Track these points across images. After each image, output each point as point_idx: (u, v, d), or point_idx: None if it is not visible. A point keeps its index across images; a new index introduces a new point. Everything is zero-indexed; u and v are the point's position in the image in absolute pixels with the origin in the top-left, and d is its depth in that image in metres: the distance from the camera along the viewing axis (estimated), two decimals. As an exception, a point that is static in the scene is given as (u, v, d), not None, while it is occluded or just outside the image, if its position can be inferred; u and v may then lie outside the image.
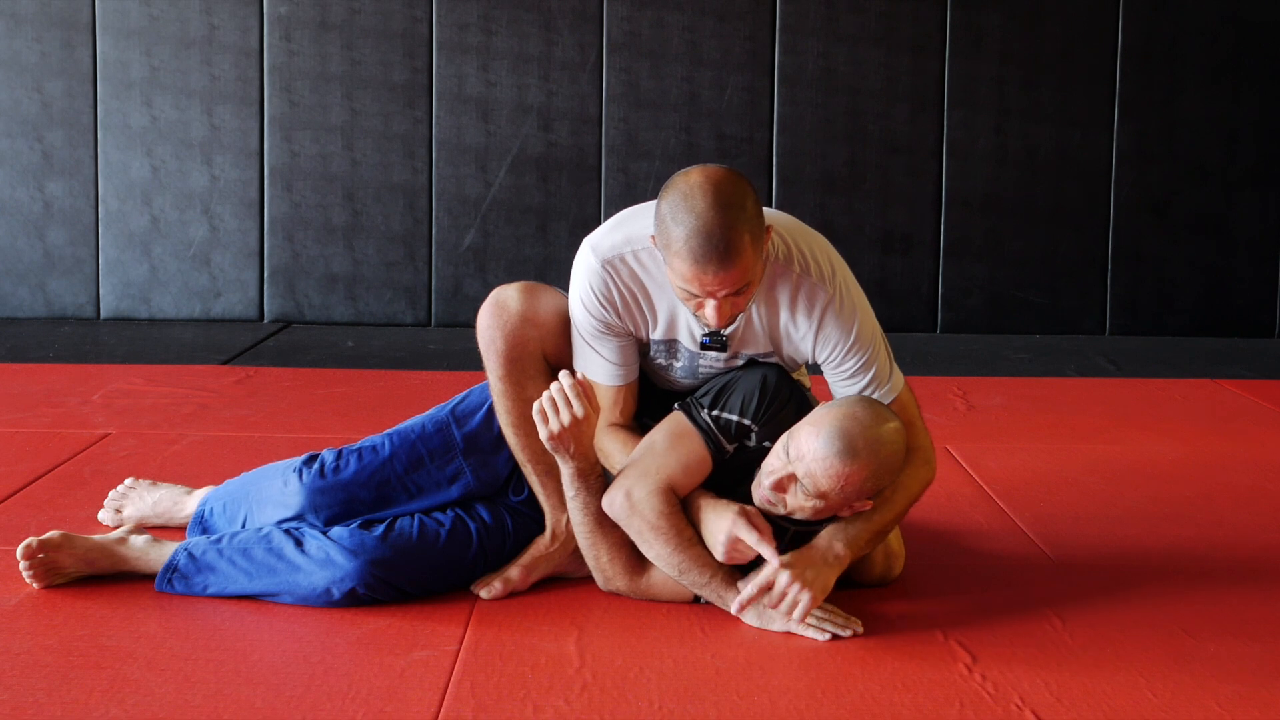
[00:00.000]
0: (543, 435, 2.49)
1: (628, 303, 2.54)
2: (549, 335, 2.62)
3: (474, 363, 2.86)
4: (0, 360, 5.04)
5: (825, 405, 2.48)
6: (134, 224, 6.02)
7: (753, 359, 2.61)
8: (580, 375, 2.50)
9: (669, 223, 2.35)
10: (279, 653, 2.36)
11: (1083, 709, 2.19)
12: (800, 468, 2.39)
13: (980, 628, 2.51)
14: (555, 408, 2.46)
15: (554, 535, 2.67)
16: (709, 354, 2.59)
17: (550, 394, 2.46)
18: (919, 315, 6.14)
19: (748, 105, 6.03)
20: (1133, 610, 2.62)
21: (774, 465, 2.44)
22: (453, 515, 2.67)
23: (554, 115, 6.02)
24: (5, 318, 6.00)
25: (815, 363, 2.62)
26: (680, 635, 2.45)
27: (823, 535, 2.49)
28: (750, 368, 2.59)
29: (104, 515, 3.01)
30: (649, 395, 2.70)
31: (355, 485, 2.68)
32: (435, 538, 2.62)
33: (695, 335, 2.56)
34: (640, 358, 2.65)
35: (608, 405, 2.60)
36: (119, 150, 5.99)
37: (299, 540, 2.58)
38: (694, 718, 2.14)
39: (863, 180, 6.09)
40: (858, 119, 6.06)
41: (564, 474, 2.55)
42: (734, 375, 2.58)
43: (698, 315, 2.42)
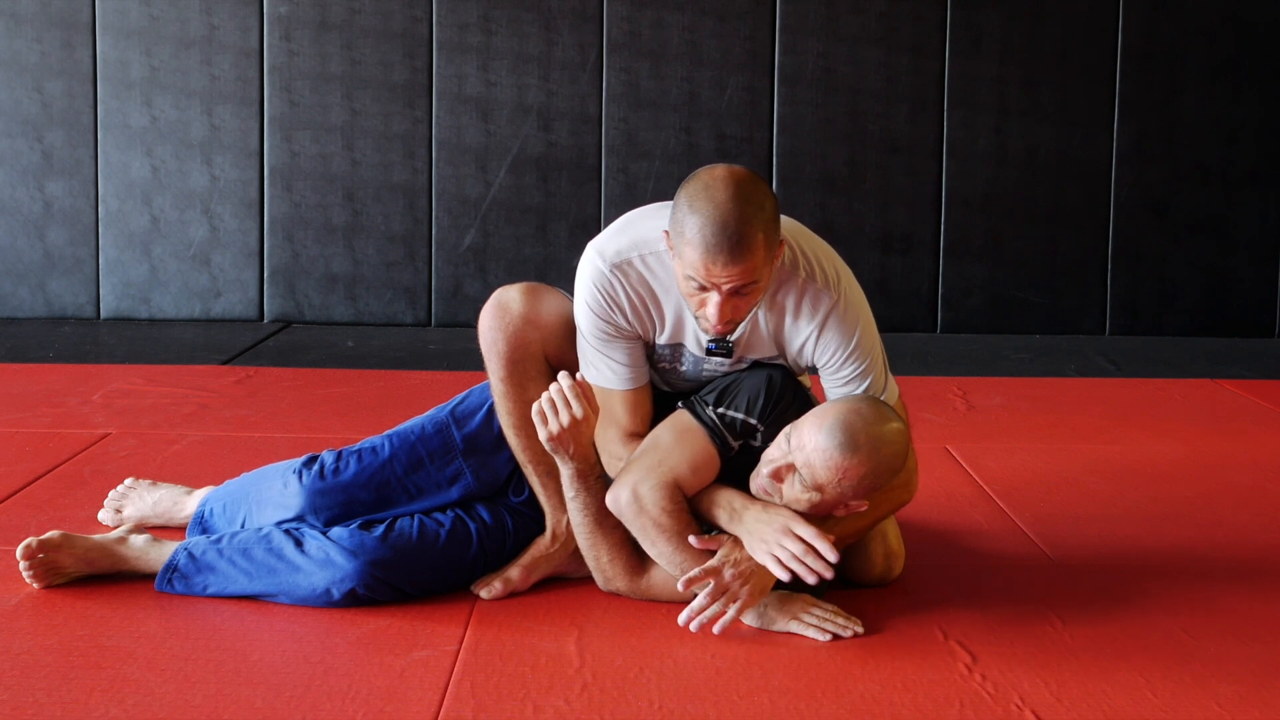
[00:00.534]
0: (542, 436, 2.49)
1: (635, 306, 2.54)
2: (551, 337, 2.61)
3: (474, 363, 2.86)
4: (0, 360, 5.04)
5: (833, 400, 2.48)
6: (134, 224, 6.02)
7: (757, 361, 2.61)
8: (579, 376, 2.49)
9: (686, 211, 2.35)
10: (279, 653, 2.36)
11: (1083, 709, 2.19)
12: (800, 457, 2.39)
13: (980, 628, 2.51)
14: (554, 409, 2.46)
15: (554, 536, 2.67)
16: (714, 359, 2.58)
17: (549, 395, 2.46)
18: (919, 315, 6.14)
19: (748, 105, 6.02)
20: (1133, 610, 2.62)
21: (774, 454, 2.44)
22: (453, 516, 2.66)
23: (554, 115, 6.02)
24: (5, 318, 6.00)
25: (813, 366, 2.61)
26: (680, 635, 2.44)
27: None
28: (756, 368, 2.59)
29: (104, 515, 3.01)
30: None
31: (355, 487, 2.68)
32: (435, 538, 2.62)
33: (701, 340, 2.56)
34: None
35: (624, 412, 2.57)
36: (119, 150, 5.99)
37: (299, 540, 2.58)
38: (694, 718, 2.14)
39: (863, 180, 6.09)
40: (858, 119, 6.06)
41: (564, 475, 2.55)
42: (739, 375, 2.58)
43: (699, 316, 2.41)
